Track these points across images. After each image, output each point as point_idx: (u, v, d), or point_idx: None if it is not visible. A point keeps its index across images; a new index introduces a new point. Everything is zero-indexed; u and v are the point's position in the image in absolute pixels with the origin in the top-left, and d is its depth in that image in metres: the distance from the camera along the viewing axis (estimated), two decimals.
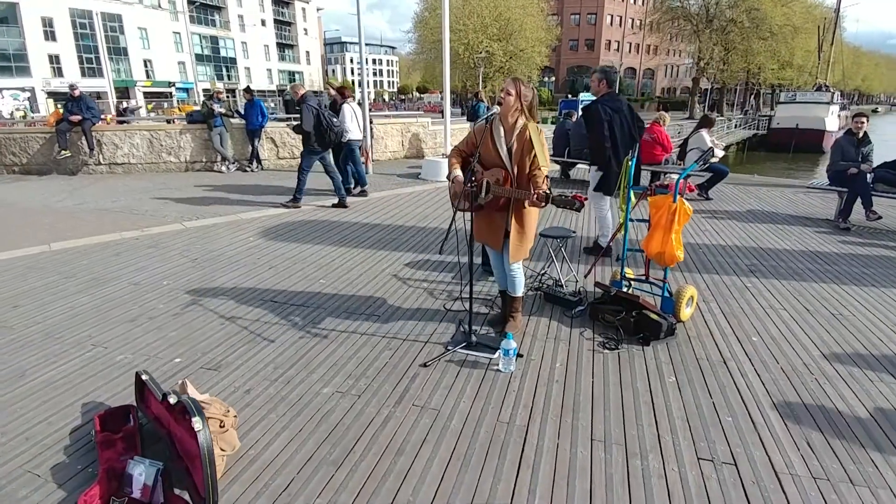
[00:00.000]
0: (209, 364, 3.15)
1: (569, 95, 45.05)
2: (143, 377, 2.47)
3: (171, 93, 52.30)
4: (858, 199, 6.39)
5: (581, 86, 54.35)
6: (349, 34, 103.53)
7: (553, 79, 62.71)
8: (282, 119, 15.48)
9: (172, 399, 2.12)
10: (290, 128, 10.18)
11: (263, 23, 65.07)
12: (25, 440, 2.46)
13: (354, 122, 7.60)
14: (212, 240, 5.81)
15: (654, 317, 3.43)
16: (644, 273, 3.95)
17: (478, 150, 3.15)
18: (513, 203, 3.20)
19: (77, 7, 42.59)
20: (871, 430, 2.54)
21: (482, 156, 3.19)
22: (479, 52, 38.72)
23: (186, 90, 53.15)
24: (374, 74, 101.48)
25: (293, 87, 7.05)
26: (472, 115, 12.75)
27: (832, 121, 30.60)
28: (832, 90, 33.29)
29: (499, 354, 3.12)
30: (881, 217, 6.44)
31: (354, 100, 8.20)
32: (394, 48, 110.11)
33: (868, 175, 6.38)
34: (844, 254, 5.39)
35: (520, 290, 3.48)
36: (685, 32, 45.24)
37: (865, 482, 2.20)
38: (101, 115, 12.35)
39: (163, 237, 5.92)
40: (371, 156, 10.41)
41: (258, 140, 10.91)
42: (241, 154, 11.08)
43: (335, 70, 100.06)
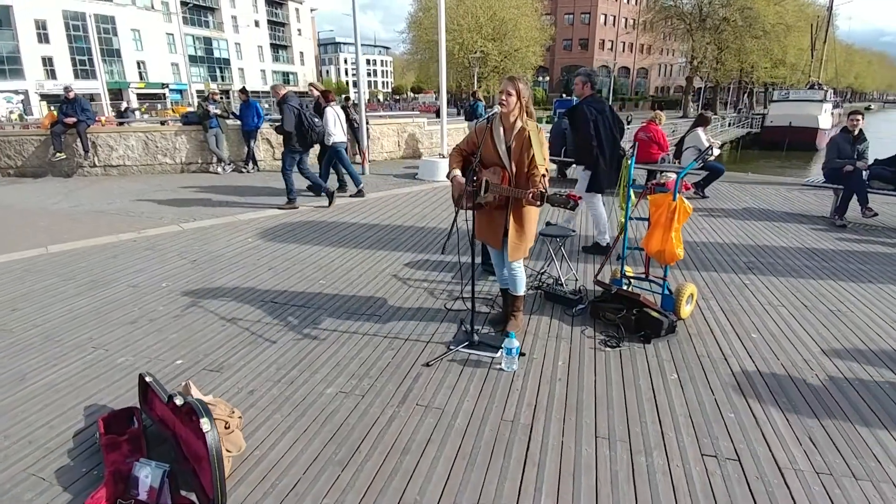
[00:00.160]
0: (211, 366, 3.14)
1: (563, 95, 45.07)
2: (147, 379, 2.47)
3: (165, 94, 52.14)
4: (854, 197, 6.44)
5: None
6: (343, 34, 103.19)
7: (547, 78, 62.80)
8: (276, 120, 15.42)
9: (179, 401, 2.11)
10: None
11: (257, 24, 64.95)
12: (28, 443, 2.44)
13: (338, 126, 7.58)
14: (209, 241, 5.79)
15: (655, 315, 3.45)
16: (644, 271, 3.97)
17: (479, 150, 3.16)
18: (511, 202, 3.21)
19: (70, 9, 42.44)
20: (873, 425, 2.56)
21: (483, 155, 3.20)
22: (474, 52, 38.76)
23: (180, 91, 53.09)
24: (369, 75, 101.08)
25: (274, 88, 7.04)
26: (471, 115, 12.76)
27: (825, 119, 30.80)
28: (825, 88, 33.52)
29: (501, 353, 3.13)
30: (877, 214, 6.49)
31: (338, 104, 8.21)
32: (388, 48, 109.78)
33: (864, 172, 6.42)
34: (841, 251, 5.43)
35: (521, 289, 3.49)
36: (678, 31, 45.50)
37: (868, 476, 2.22)
38: (96, 117, 12.29)
39: (160, 239, 5.90)
40: (368, 156, 10.42)
41: (254, 141, 10.89)
42: (237, 155, 11.06)
43: (329, 71, 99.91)
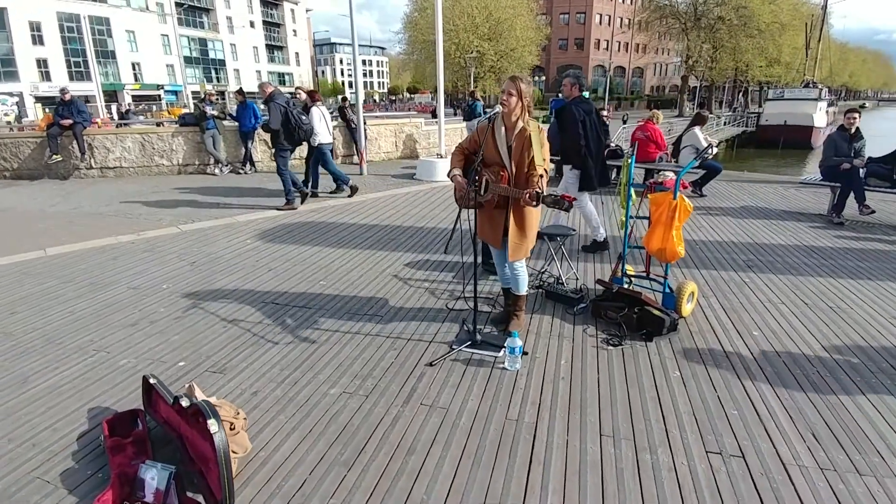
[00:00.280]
0: (214, 367, 3.14)
1: (559, 94, 45.04)
2: (152, 381, 2.46)
3: (160, 96, 51.96)
4: (851, 194, 6.47)
5: None
6: (338, 35, 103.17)
7: (543, 78, 62.83)
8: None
9: (185, 402, 2.11)
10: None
11: (252, 24, 64.79)
12: (32, 446, 2.43)
13: (323, 124, 7.57)
14: (209, 243, 5.78)
15: (657, 313, 3.46)
16: (645, 270, 3.98)
17: (481, 149, 3.16)
18: (511, 201, 3.22)
19: (65, 11, 42.29)
20: (875, 421, 2.57)
21: (485, 154, 3.20)
22: (470, 52, 38.74)
23: (175, 93, 52.85)
24: (365, 75, 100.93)
25: (261, 86, 7.02)
26: (469, 115, 12.76)
27: (820, 117, 30.97)
28: (820, 87, 33.72)
29: (504, 352, 3.13)
30: (874, 211, 6.52)
31: (324, 104, 8.24)
32: (383, 49, 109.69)
33: (861, 170, 6.45)
34: (839, 248, 5.45)
35: (524, 289, 3.49)
36: (674, 31, 45.64)
37: (872, 472, 2.23)
38: (92, 119, 12.25)
39: (159, 241, 5.89)
40: (365, 157, 10.41)
41: (251, 142, 10.88)
42: (235, 156, 11.04)
43: (325, 71, 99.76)
